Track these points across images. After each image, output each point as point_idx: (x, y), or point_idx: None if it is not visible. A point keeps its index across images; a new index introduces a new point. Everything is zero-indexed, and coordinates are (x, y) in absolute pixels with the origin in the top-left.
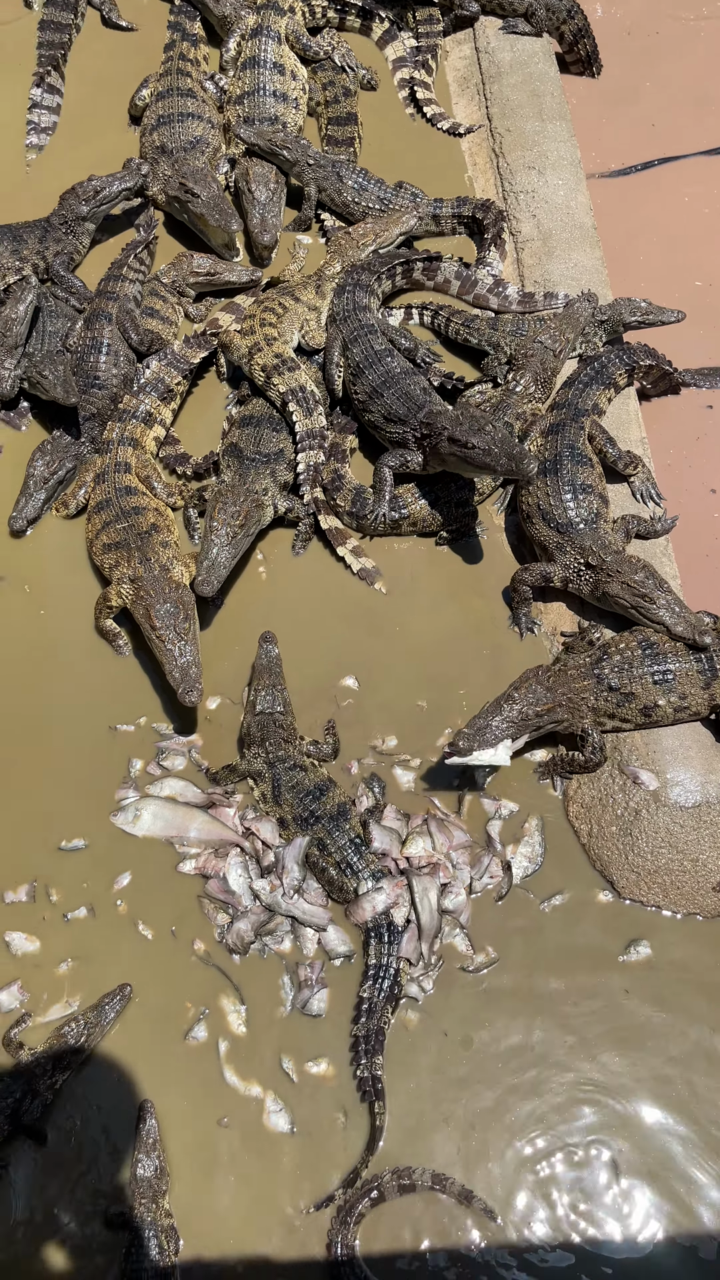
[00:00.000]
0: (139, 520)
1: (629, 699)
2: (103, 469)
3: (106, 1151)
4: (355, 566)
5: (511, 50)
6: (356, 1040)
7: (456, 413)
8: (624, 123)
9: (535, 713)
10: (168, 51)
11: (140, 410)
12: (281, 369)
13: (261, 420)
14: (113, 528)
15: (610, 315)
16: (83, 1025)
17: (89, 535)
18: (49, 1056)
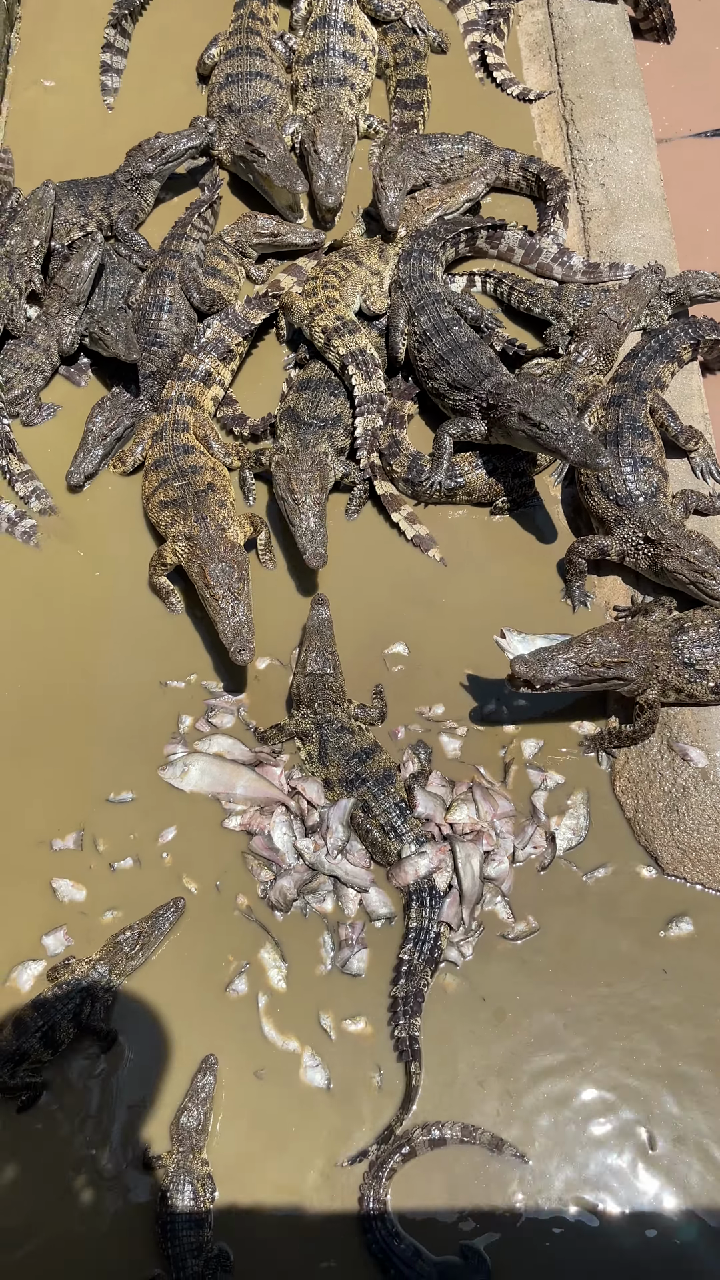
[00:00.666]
0: (196, 479)
1: (702, 676)
2: (161, 426)
3: (144, 1096)
4: (410, 533)
5: (585, 16)
6: (395, 1001)
7: (528, 387)
8: (696, 90)
9: (604, 662)
10: (238, 10)
11: (200, 369)
12: (342, 331)
13: (320, 385)
14: (170, 485)
15: (677, 288)
16: (137, 934)
17: (145, 492)
18: (105, 964)
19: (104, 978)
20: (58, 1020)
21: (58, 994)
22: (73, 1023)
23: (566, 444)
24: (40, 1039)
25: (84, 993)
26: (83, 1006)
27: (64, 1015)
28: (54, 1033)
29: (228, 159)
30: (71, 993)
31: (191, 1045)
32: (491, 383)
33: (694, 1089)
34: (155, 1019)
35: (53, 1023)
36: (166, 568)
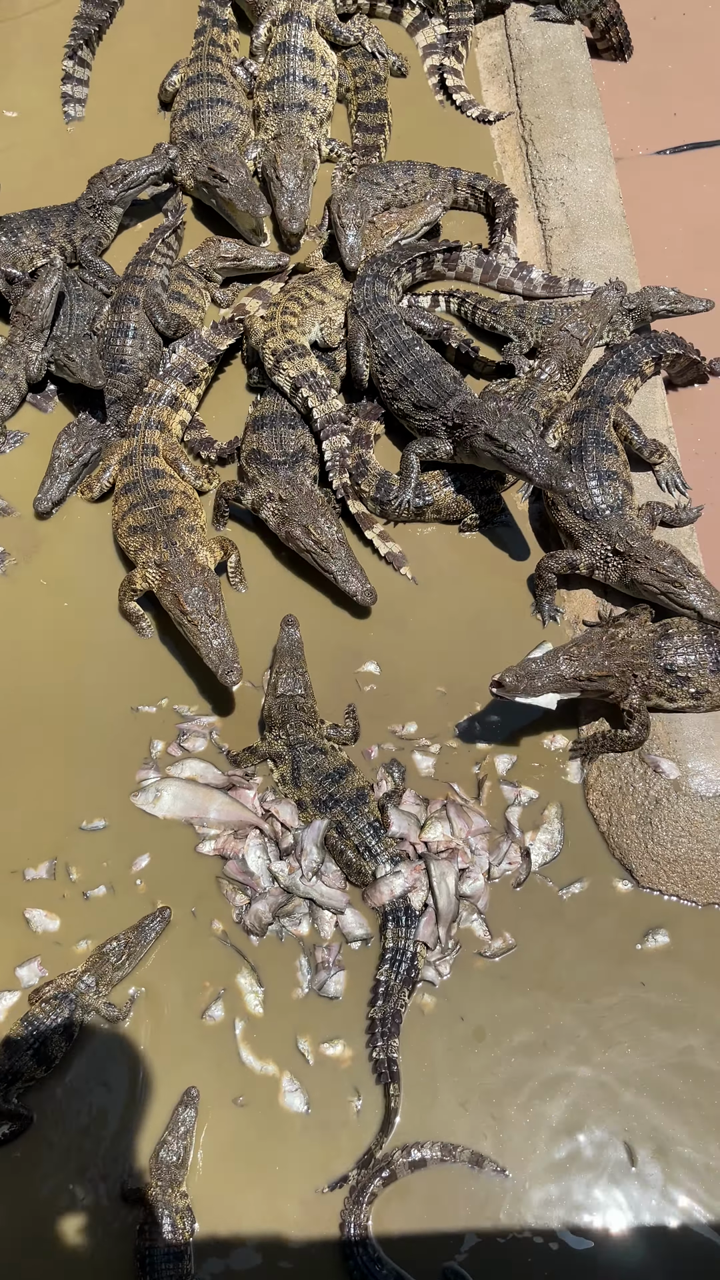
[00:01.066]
0: (166, 504)
1: (684, 682)
2: (129, 451)
3: (123, 1126)
4: (383, 550)
5: (543, 37)
6: (373, 1022)
7: (494, 407)
8: (653, 108)
9: (589, 675)
10: (198, 37)
11: (166, 394)
12: (291, 354)
13: (275, 419)
14: (139, 510)
15: (638, 304)
16: (123, 944)
17: (115, 517)
18: (92, 974)
19: (91, 989)
20: (49, 1035)
21: (46, 1009)
22: (64, 1036)
23: (532, 466)
24: (33, 1056)
25: (73, 1005)
26: (73, 1019)
27: (55, 1030)
28: (46, 1048)
29: (191, 184)
30: (60, 1006)
31: (169, 1074)
32: (456, 402)
33: (675, 1100)
34: (132, 1048)
35: (44, 1038)
36: (136, 593)
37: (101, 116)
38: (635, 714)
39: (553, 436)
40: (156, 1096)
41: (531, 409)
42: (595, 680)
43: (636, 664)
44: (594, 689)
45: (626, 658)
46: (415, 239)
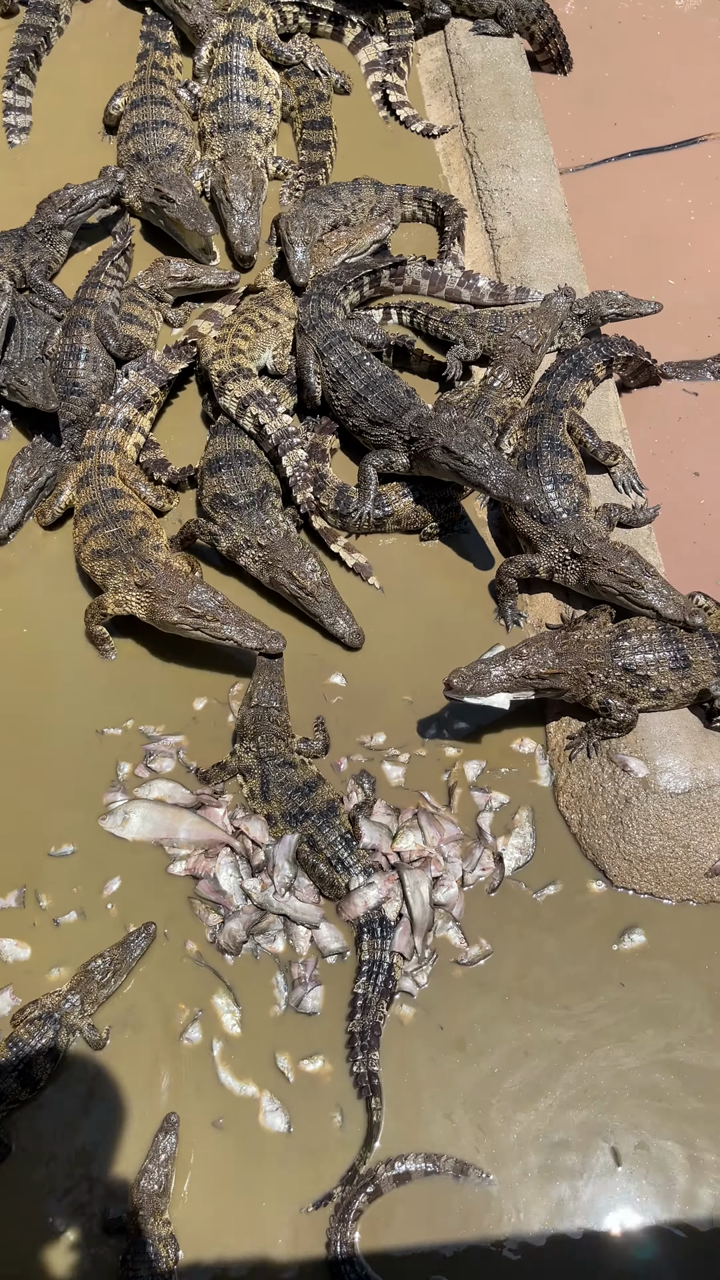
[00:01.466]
0: (128, 524)
1: (643, 681)
2: (85, 473)
3: (103, 1155)
4: (350, 562)
5: (483, 51)
6: (352, 1036)
7: (450, 419)
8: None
9: (538, 674)
10: (141, 61)
11: (118, 417)
12: (237, 376)
13: (231, 459)
14: (101, 533)
15: (587, 309)
16: (109, 961)
17: (76, 540)
18: (77, 993)
19: (76, 1008)
20: (33, 1057)
21: (30, 1030)
22: (49, 1058)
23: (489, 479)
24: (17, 1078)
25: (58, 1025)
26: (57, 1039)
27: (39, 1051)
28: (31, 1070)
29: (139, 206)
30: (45, 1026)
31: (148, 1100)
32: (412, 417)
33: (659, 1098)
34: (110, 1075)
35: (29, 1060)
36: (106, 617)
37: (46, 142)
38: (607, 707)
39: (508, 442)
40: (136, 1123)
41: (486, 416)
42: (546, 679)
43: (592, 663)
44: (546, 688)
45: (579, 657)
46: (365, 256)
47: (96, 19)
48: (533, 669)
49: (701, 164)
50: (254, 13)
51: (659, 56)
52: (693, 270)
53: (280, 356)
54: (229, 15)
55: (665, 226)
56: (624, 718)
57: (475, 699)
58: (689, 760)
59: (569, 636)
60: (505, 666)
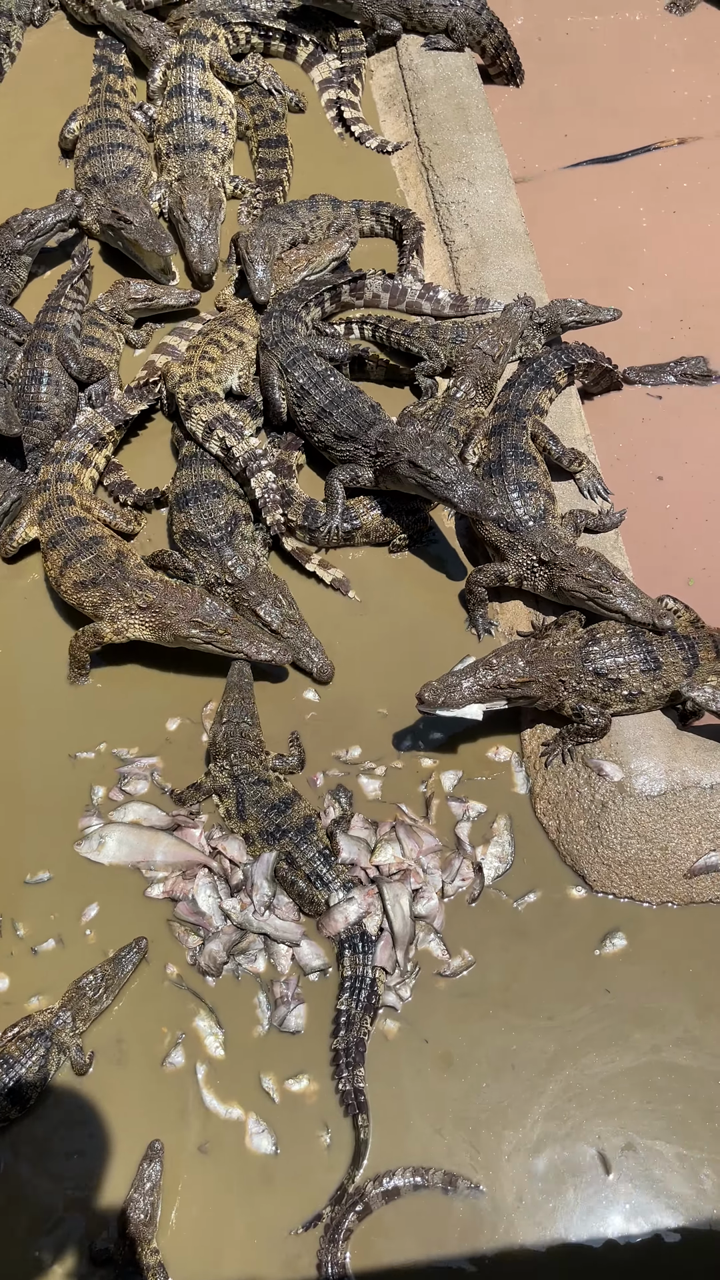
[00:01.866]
0: (103, 550)
1: (615, 685)
2: (45, 505)
3: (88, 1185)
4: (327, 579)
5: (435, 66)
6: (337, 1054)
7: (415, 433)
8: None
9: (509, 683)
10: (95, 84)
11: (74, 452)
12: (204, 399)
13: (198, 491)
14: (78, 563)
15: (548, 317)
16: (100, 977)
17: (52, 575)
18: (68, 1010)
19: (68, 1024)
20: (22, 1074)
21: (21, 1046)
22: (39, 1075)
23: (455, 493)
24: (6, 1096)
25: (49, 1042)
26: (48, 1056)
27: (29, 1068)
28: (20, 1088)
29: (97, 229)
30: (35, 1043)
31: (133, 1128)
32: (378, 431)
33: (648, 1101)
34: (93, 1105)
35: (18, 1077)
36: (99, 646)
37: (2, 167)
38: (580, 712)
39: (472, 452)
40: (120, 1152)
41: (450, 427)
42: (517, 687)
43: (562, 670)
44: (518, 696)
45: (550, 664)
46: (325, 273)
47: (49, 44)
48: (504, 678)
49: (652, 171)
50: (206, 34)
51: (607, 67)
52: (650, 276)
53: (246, 377)
54: (181, 37)
55: (620, 234)
56: (597, 722)
57: (448, 711)
58: (663, 762)
59: (538, 644)
60: (476, 677)
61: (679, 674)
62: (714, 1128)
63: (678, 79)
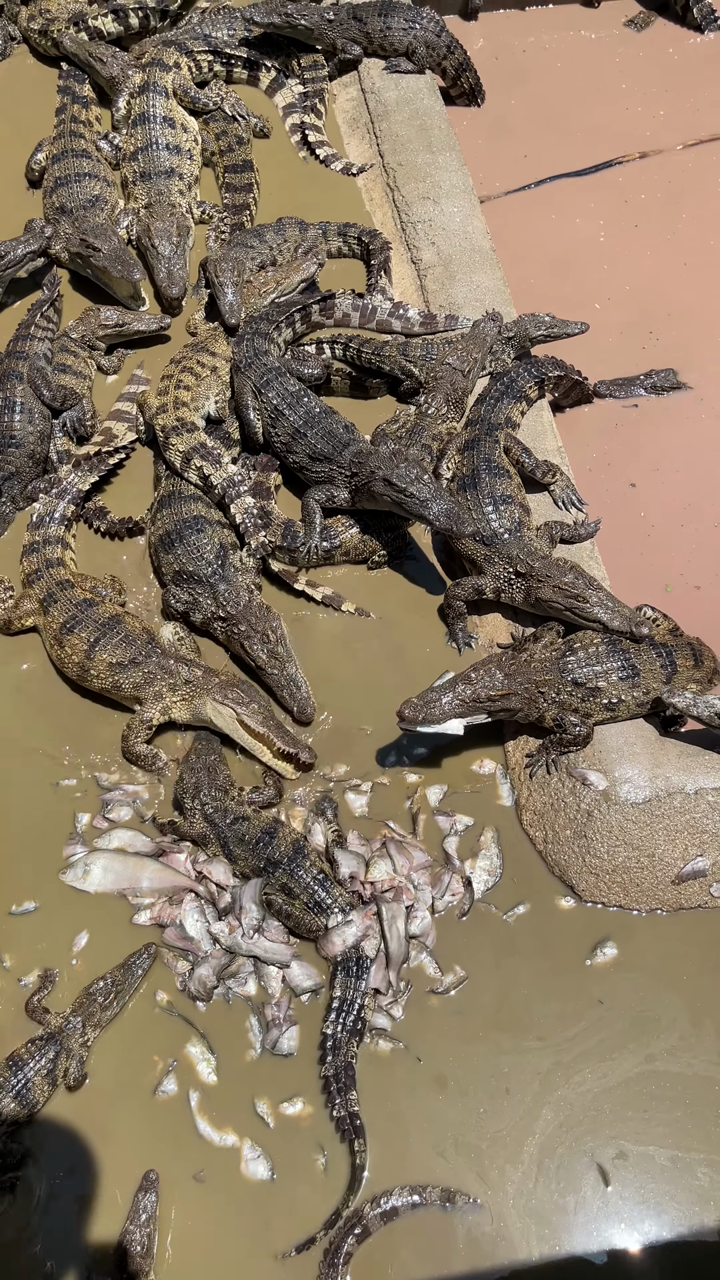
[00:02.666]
0: (128, 629)
1: (594, 694)
2: (47, 592)
3: (80, 1219)
4: (318, 596)
5: (397, 89)
6: (327, 1080)
7: (390, 452)
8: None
9: (489, 696)
10: (59, 115)
11: (50, 537)
12: (180, 430)
13: (182, 529)
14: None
15: (516, 332)
16: (110, 983)
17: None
18: (79, 1016)
19: (78, 1030)
20: (31, 1077)
21: (31, 1049)
22: (47, 1079)
23: (431, 510)
24: (14, 1098)
25: (58, 1046)
26: (57, 1061)
27: (37, 1071)
28: (28, 1091)
29: (65, 258)
30: (45, 1047)
31: (126, 1159)
32: (352, 452)
33: (644, 1109)
34: (85, 1138)
35: (26, 1080)
36: (150, 730)
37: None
38: (562, 722)
39: (446, 467)
40: (114, 1184)
41: (423, 443)
42: (497, 700)
43: (542, 680)
44: (498, 709)
45: (528, 676)
46: (293, 295)
47: (10, 75)
48: (483, 692)
49: (614, 186)
50: (168, 62)
51: (567, 85)
52: (616, 289)
53: (223, 402)
54: (144, 66)
55: (585, 248)
56: (580, 732)
57: (429, 727)
58: (647, 769)
59: (516, 657)
60: (455, 693)
61: (657, 681)
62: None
63: (636, 94)
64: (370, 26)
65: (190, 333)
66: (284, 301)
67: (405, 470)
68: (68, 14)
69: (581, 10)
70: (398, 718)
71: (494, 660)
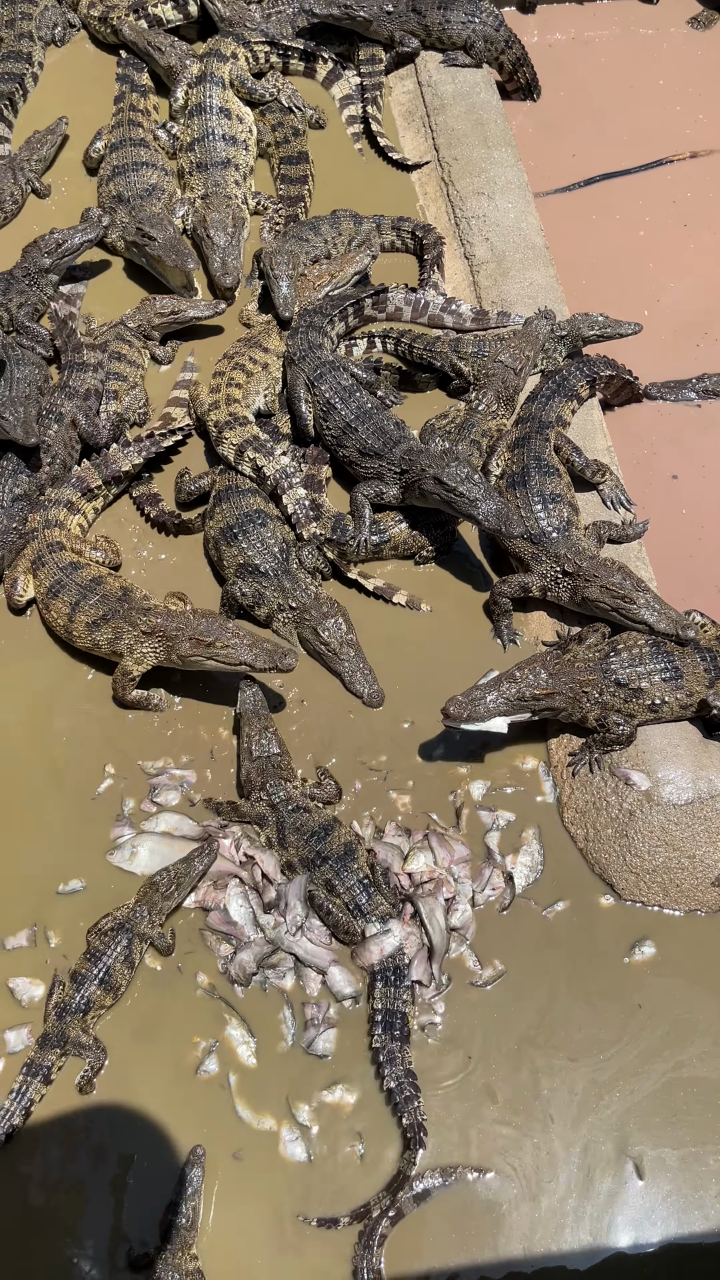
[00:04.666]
0: (106, 588)
1: (637, 695)
2: (37, 554)
3: (124, 1190)
4: (370, 586)
5: (453, 82)
6: (390, 1093)
7: (441, 452)
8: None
9: (533, 695)
10: (118, 103)
11: (62, 499)
12: (233, 424)
13: (244, 522)
14: (84, 606)
15: (569, 331)
16: (171, 875)
17: (58, 622)
18: (143, 905)
19: (144, 917)
20: (110, 964)
21: (105, 939)
22: (125, 964)
23: (480, 511)
24: (100, 984)
25: (129, 933)
26: (131, 947)
27: (115, 958)
28: (110, 977)
29: (121, 246)
30: (118, 935)
31: (170, 1135)
32: (403, 449)
33: (674, 1112)
34: (132, 1112)
35: (108, 967)
36: (135, 681)
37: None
38: (604, 723)
39: (496, 464)
40: (159, 1161)
41: (472, 439)
42: (541, 699)
43: (585, 680)
44: (542, 708)
45: (572, 675)
46: (347, 288)
47: (71, 63)
48: (527, 691)
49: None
50: (226, 53)
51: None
52: (669, 288)
53: (273, 396)
54: (202, 57)
55: (638, 247)
56: (623, 731)
57: (473, 726)
58: (690, 771)
59: (561, 657)
60: (500, 690)
61: (701, 684)
62: None
63: (692, 94)
64: (429, 19)
65: (244, 324)
66: (338, 295)
67: (456, 469)
68: (128, 1)
69: (640, 6)
70: (443, 715)
71: (539, 659)
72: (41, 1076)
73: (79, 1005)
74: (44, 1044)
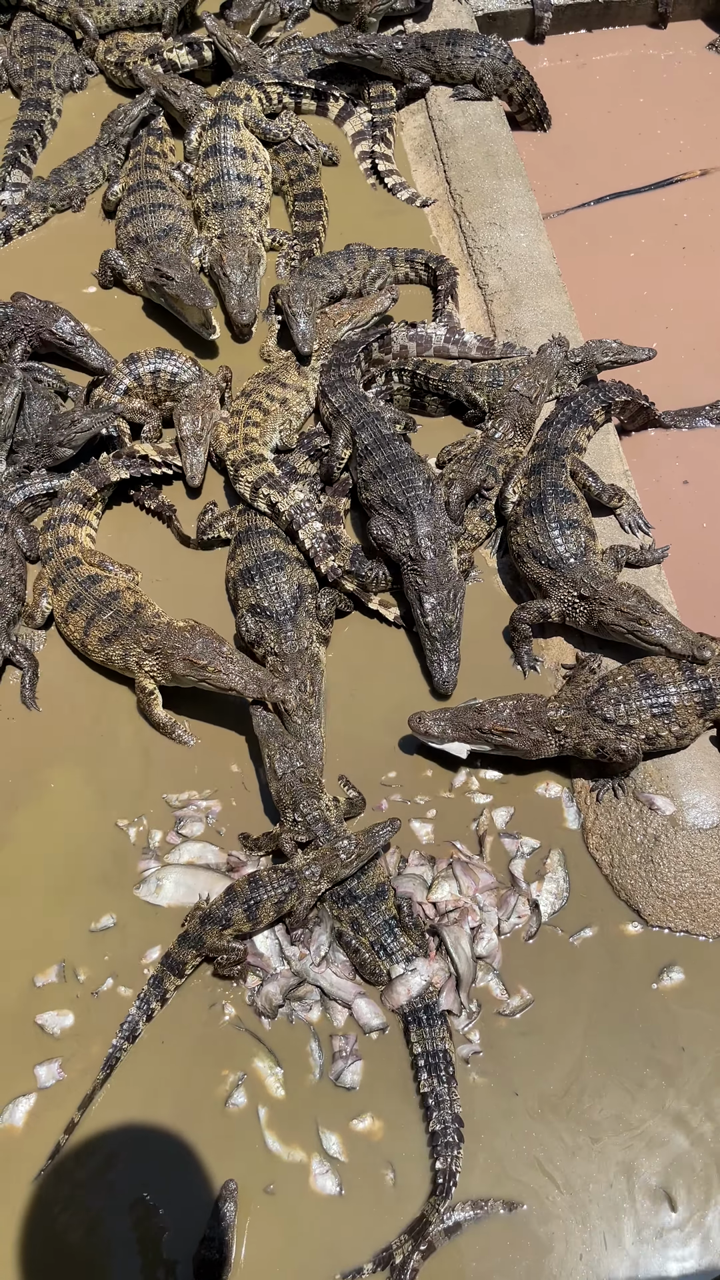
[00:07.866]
0: (121, 604)
1: (627, 730)
2: (56, 571)
3: (156, 1226)
4: (390, 616)
5: (464, 115)
6: (434, 1135)
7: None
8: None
9: (489, 728)
10: (135, 147)
11: (67, 515)
12: (249, 462)
13: (261, 565)
14: (99, 620)
15: (583, 357)
16: (354, 845)
17: (75, 638)
18: (319, 864)
19: (314, 876)
20: (263, 899)
21: (274, 876)
22: (275, 908)
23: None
24: (244, 910)
25: (293, 883)
26: (288, 897)
27: (270, 897)
28: (257, 909)
29: (140, 286)
30: (283, 879)
31: (202, 1168)
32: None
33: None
34: (162, 1146)
35: (258, 900)
36: (155, 698)
37: (47, 229)
38: (604, 753)
39: (513, 491)
40: (188, 1192)
41: (488, 465)
42: (498, 735)
43: (557, 720)
44: (499, 744)
45: (539, 719)
46: (367, 328)
47: (87, 107)
48: (486, 724)
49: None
50: (239, 95)
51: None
52: (682, 312)
53: (290, 431)
54: (216, 99)
55: (650, 270)
56: (631, 754)
57: (434, 743)
58: (715, 795)
59: (539, 700)
60: (463, 719)
61: (693, 715)
62: None
63: (702, 116)
64: (438, 55)
65: (264, 359)
66: (351, 342)
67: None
68: (144, 47)
69: (649, 31)
70: (408, 721)
71: (514, 698)
72: (176, 970)
73: (221, 917)
74: (182, 941)
